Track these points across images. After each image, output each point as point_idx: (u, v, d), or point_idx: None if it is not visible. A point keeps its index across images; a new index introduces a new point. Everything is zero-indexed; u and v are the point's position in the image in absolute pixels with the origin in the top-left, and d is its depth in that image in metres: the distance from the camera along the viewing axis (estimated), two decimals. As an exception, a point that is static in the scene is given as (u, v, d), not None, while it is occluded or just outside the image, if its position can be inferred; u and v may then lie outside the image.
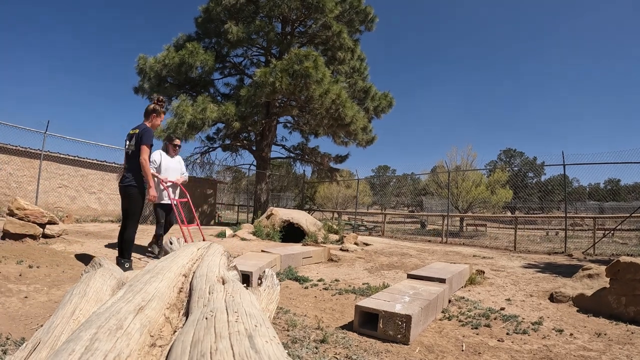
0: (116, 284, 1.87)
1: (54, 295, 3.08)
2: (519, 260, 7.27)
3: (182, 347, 1.01)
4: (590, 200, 29.57)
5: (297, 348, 2.24)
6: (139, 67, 12.89)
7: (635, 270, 3.30)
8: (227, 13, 12.76)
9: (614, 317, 3.33)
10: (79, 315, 1.41)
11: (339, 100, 11.44)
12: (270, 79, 10.70)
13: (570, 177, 42.84)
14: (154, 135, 4.65)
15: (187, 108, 11.26)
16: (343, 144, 15.04)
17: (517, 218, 13.26)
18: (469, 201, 19.08)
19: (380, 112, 15.05)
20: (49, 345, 1.18)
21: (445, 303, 3.52)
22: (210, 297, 1.47)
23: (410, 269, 5.46)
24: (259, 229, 8.93)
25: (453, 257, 7.45)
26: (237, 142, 14.61)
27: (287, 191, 20.91)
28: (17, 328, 2.31)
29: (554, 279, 5.09)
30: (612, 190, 33.73)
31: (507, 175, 20.55)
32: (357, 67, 14.78)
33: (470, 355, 2.39)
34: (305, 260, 5.74)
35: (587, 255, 8.36)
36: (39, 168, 9.83)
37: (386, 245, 9.38)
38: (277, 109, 13.73)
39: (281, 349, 1.00)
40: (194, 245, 2.64)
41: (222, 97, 14.50)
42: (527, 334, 2.84)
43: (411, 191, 31.58)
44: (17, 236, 4.78)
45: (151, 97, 5.02)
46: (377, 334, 2.60)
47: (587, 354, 2.48)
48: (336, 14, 12.42)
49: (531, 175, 39.44)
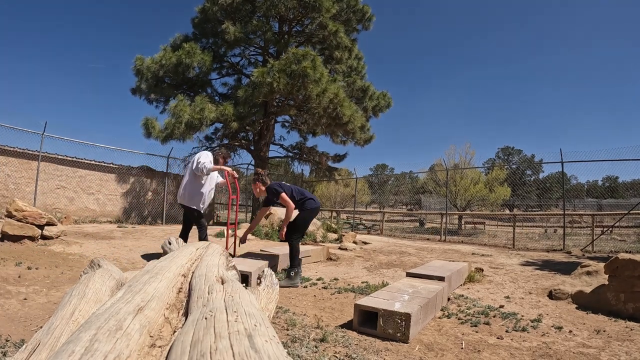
0: (115, 285, 1.87)
1: (53, 297, 3.07)
2: (518, 258, 7.28)
3: (181, 347, 1.01)
4: (589, 198, 29.66)
5: (297, 347, 2.24)
6: (136, 67, 12.86)
7: (634, 267, 3.32)
8: (223, 13, 12.74)
9: (612, 313, 3.34)
10: (78, 316, 1.41)
11: (336, 99, 11.44)
12: (268, 79, 10.69)
13: (568, 174, 42.88)
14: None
15: (185, 108, 11.24)
16: (341, 143, 15.04)
17: (516, 216, 13.29)
18: (468, 199, 19.11)
19: (378, 111, 15.05)
20: (48, 347, 1.18)
21: (444, 301, 3.53)
22: (210, 297, 1.47)
23: (409, 267, 5.47)
24: (257, 228, 8.93)
25: (452, 255, 7.47)
26: (235, 142, 14.58)
27: (285, 191, 20.85)
28: (16, 330, 2.31)
29: (552, 277, 5.10)
30: (610, 187, 33.79)
31: (505, 173, 20.59)
32: (354, 66, 14.78)
33: (469, 353, 2.39)
34: (304, 259, 5.73)
35: (586, 253, 8.39)
36: (37, 169, 9.80)
37: (385, 243, 9.38)
38: (275, 109, 13.72)
39: (281, 348, 1.00)
40: (192, 245, 2.65)
41: (220, 97, 14.48)
42: (527, 331, 2.85)
43: (409, 189, 31.61)
44: (15, 238, 4.77)
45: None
46: (377, 332, 2.60)
47: (586, 350, 2.49)
48: (333, 13, 12.40)
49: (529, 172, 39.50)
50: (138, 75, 13.07)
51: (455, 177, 18.88)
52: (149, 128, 12.09)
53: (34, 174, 9.83)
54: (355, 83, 14.00)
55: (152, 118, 12.27)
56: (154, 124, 12.06)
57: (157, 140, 12.21)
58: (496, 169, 21.97)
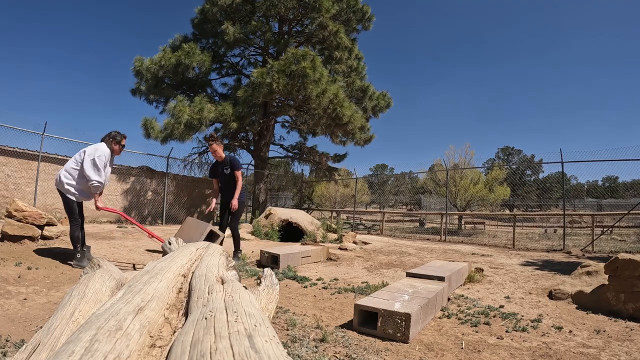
0: (115, 285, 1.86)
1: (53, 297, 3.07)
2: (518, 258, 7.28)
3: (181, 348, 1.01)
4: (589, 198, 29.66)
5: (297, 347, 2.24)
6: (135, 68, 12.87)
7: (634, 267, 3.31)
8: (223, 13, 12.74)
9: (613, 314, 3.34)
10: (78, 316, 1.41)
11: (336, 99, 11.45)
12: (267, 79, 10.70)
13: (568, 174, 42.91)
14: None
15: (184, 108, 11.25)
16: (341, 143, 15.05)
17: (516, 216, 13.29)
18: (467, 199, 19.11)
19: (378, 112, 15.07)
20: (48, 347, 1.18)
21: (444, 301, 3.53)
22: (210, 297, 1.47)
23: (409, 267, 5.47)
24: (257, 228, 8.94)
25: (452, 255, 7.47)
26: (235, 142, 14.60)
27: (285, 190, 20.89)
28: (16, 330, 2.31)
29: (552, 277, 5.10)
30: (610, 187, 33.83)
31: (505, 173, 20.59)
32: (354, 67, 14.79)
33: (469, 353, 2.39)
34: (304, 259, 5.73)
35: (586, 253, 8.39)
36: (37, 169, 9.80)
37: (385, 243, 9.38)
38: (275, 109, 13.72)
39: (281, 349, 1.00)
40: (192, 245, 2.64)
41: (219, 97, 14.49)
42: (527, 331, 2.85)
43: (409, 189, 31.61)
44: (15, 238, 4.76)
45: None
46: (377, 332, 2.60)
47: (586, 351, 2.49)
48: (333, 13, 12.41)
49: (529, 172, 39.50)
50: (138, 76, 13.08)
51: (455, 177, 18.88)
52: (149, 128, 12.10)
53: (34, 174, 9.83)
54: (355, 83, 14.02)
55: (152, 118, 12.29)
56: (154, 125, 12.07)
57: (156, 141, 12.24)
58: (496, 169, 21.96)
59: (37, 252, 4.55)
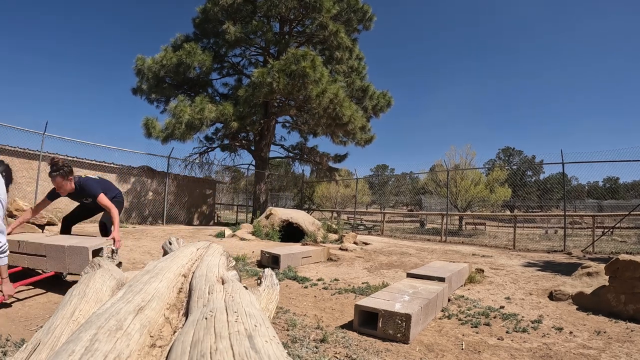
0: (115, 285, 1.86)
1: (54, 297, 3.08)
2: (518, 259, 7.28)
3: (182, 347, 1.01)
4: (589, 199, 29.60)
5: (297, 347, 2.24)
6: (137, 68, 12.89)
7: (635, 268, 3.31)
8: (224, 13, 12.76)
9: (613, 315, 3.34)
10: (78, 316, 1.41)
11: (336, 99, 11.45)
12: (268, 79, 10.70)
13: (569, 175, 42.85)
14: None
15: (185, 108, 11.26)
16: (342, 144, 15.05)
17: (516, 216, 13.28)
18: (468, 200, 19.11)
19: (378, 112, 15.06)
20: (49, 346, 1.18)
21: (444, 302, 3.53)
22: (210, 297, 1.47)
23: (410, 268, 5.47)
24: (258, 228, 8.93)
25: (452, 255, 7.46)
26: (235, 142, 14.61)
27: (286, 191, 20.89)
28: (16, 329, 2.31)
29: (553, 277, 5.10)
30: (611, 188, 33.75)
31: (505, 174, 20.58)
32: (355, 67, 14.79)
33: (470, 354, 2.39)
34: (304, 259, 5.73)
35: (586, 254, 8.38)
36: (38, 169, 9.81)
37: (385, 244, 9.38)
38: (276, 109, 13.73)
39: (281, 349, 1.00)
40: (193, 245, 2.65)
41: (220, 97, 14.50)
42: (527, 332, 2.84)
43: (410, 190, 31.61)
44: (16, 237, 4.76)
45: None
46: (377, 333, 2.60)
47: (586, 352, 2.48)
48: (334, 13, 12.42)
49: (530, 173, 39.47)
50: (139, 75, 13.10)
51: (456, 177, 18.87)
52: (150, 128, 12.10)
53: (34, 173, 9.84)
54: (356, 83, 14.02)
55: (153, 118, 12.29)
56: (155, 124, 12.07)
57: (157, 140, 12.24)
58: (497, 169, 21.95)
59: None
